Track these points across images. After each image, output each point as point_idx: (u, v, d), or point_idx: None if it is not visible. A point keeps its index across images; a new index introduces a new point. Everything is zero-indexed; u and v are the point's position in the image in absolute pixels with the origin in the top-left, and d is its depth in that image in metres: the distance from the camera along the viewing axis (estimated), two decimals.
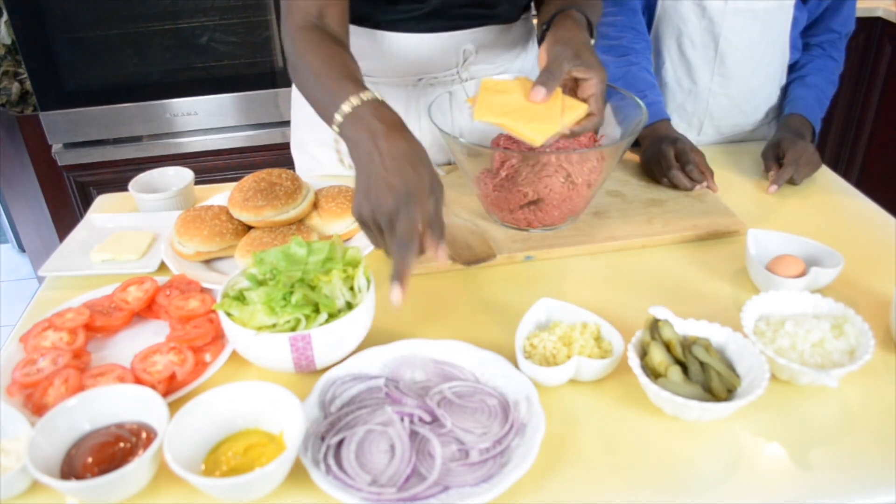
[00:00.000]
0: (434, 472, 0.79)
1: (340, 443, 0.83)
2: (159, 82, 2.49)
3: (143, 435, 0.83)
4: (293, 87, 1.54)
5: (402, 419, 0.85)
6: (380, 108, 0.95)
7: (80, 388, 0.91)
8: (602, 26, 1.56)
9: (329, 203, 1.22)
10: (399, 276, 0.89)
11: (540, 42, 1.34)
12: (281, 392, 0.84)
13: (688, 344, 0.92)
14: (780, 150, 1.43)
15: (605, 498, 0.80)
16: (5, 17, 2.41)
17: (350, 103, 0.95)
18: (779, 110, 1.63)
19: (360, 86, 0.98)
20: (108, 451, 0.81)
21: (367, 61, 1.36)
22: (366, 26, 1.33)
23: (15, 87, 2.47)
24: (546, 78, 1.10)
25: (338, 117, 0.96)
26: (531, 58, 1.55)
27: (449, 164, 1.53)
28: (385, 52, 1.35)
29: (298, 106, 1.55)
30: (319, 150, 1.53)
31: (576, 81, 1.14)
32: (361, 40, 1.35)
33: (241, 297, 0.95)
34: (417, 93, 1.40)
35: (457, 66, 1.38)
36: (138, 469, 0.77)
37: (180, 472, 0.75)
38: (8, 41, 2.45)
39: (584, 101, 1.13)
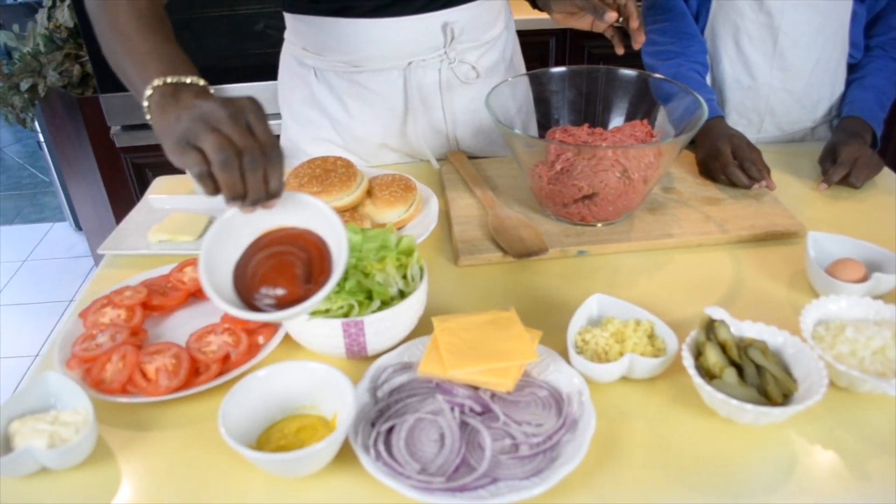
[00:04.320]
0: (483, 464, 0.78)
1: (391, 430, 0.83)
2: (215, 67, 2.53)
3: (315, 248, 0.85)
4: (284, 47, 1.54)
5: (452, 409, 0.85)
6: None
7: (137, 364, 0.93)
8: (651, 33, 1.55)
9: (383, 191, 1.23)
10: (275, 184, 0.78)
11: (533, 3, 1.40)
12: (334, 373, 0.85)
13: (744, 346, 0.91)
14: (836, 154, 1.40)
15: (654, 497, 0.79)
16: (68, 0, 2.46)
17: (163, 79, 0.85)
18: (840, 108, 1.60)
19: (182, 62, 0.89)
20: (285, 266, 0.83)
21: (354, 52, 1.38)
22: (348, 16, 1.34)
23: (76, 69, 2.53)
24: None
25: (150, 86, 0.85)
26: (512, 31, 1.57)
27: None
28: (372, 39, 1.36)
29: (285, 63, 1.55)
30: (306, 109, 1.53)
31: None
32: (345, 31, 1.36)
33: None
34: (409, 76, 1.41)
35: (444, 47, 1.39)
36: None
37: (234, 444, 0.77)
38: (70, 24, 2.50)
39: None
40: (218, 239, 0.84)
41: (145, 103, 0.85)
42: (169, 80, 0.84)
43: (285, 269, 0.83)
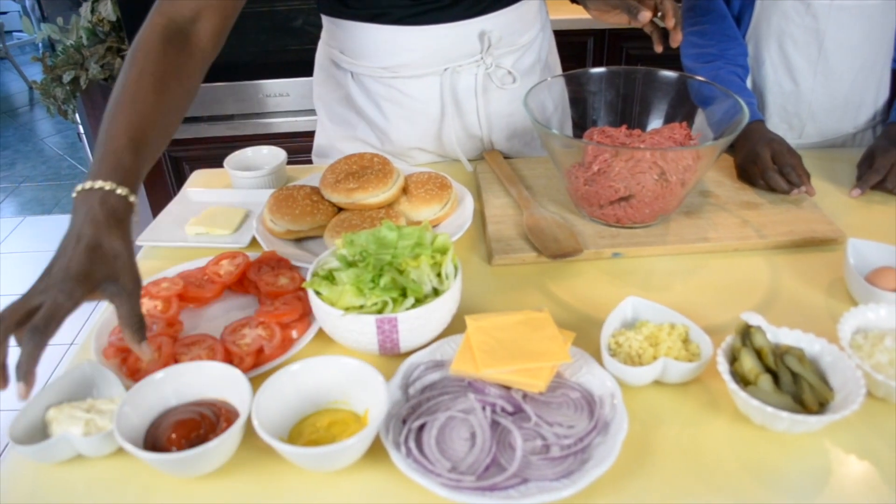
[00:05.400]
0: (514, 464, 0.78)
1: (422, 427, 0.83)
2: (253, 63, 2.55)
3: (225, 412, 0.85)
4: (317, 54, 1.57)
5: (483, 408, 0.85)
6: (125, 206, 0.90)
7: (173, 355, 0.94)
8: (691, 35, 1.54)
9: (418, 189, 1.23)
10: (23, 365, 0.79)
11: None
12: (367, 369, 0.86)
13: (780, 353, 0.89)
14: (873, 159, 1.37)
15: (685, 502, 0.78)
16: None
17: (93, 183, 0.89)
18: (885, 114, 1.57)
19: (122, 170, 0.92)
20: (192, 427, 0.83)
21: (390, 59, 1.38)
22: (384, 23, 1.34)
23: (118, 62, 2.57)
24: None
25: (77, 187, 0.89)
26: (548, 31, 1.56)
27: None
28: (407, 47, 1.36)
29: (319, 66, 1.57)
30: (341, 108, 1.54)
31: None
32: (381, 38, 1.36)
33: (330, 277, 0.96)
34: (445, 81, 1.40)
35: (481, 53, 1.39)
36: (220, 446, 0.79)
37: (266, 437, 0.77)
38: (113, 18, 2.54)
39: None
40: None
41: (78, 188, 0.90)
42: (108, 186, 0.90)
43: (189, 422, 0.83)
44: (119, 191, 0.89)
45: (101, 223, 0.86)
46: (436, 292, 0.96)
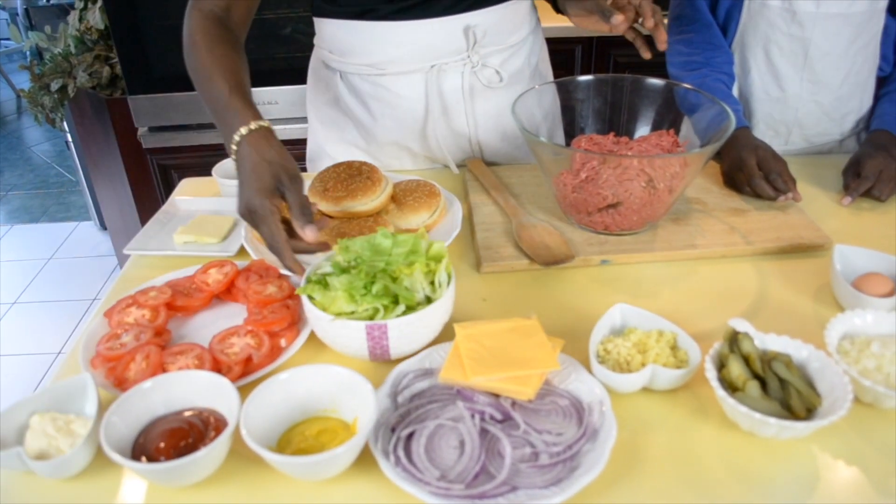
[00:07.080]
0: (503, 472, 0.78)
1: (411, 435, 0.83)
2: None
3: (213, 422, 0.85)
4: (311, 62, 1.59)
5: (472, 416, 0.85)
6: (265, 133, 1.08)
7: (161, 364, 0.94)
8: (676, 44, 1.54)
9: (407, 197, 1.23)
10: (285, 261, 1.03)
11: (555, 5, 1.43)
12: (355, 377, 0.85)
13: (767, 359, 0.90)
14: (860, 166, 1.38)
15: None
16: (99, 2, 2.49)
17: (247, 128, 1.08)
18: (869, 121, 1.58)
19: (251, 109, 1.10)
20: (180, 436, 0.82)
21: (377, 55, 1.39)
22: (370, 19, 1.36)
23: (105, 70, 2.56)
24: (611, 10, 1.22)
25: (235, 137, 1.08)
26: (539, 37, 1.56)
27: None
28: (393, 42, 1.37)
29: (314, 77, 1.58)
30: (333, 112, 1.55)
31: None
32: (368, 34, 1.37)
33: (323, 283, 0.96)
34: (432, 79, 1.41)
35: (467, 50, 1.39)
36: (209, 455, 0.78)
37: (254, 446, 0.77)
38: (101, 26, 2.53)
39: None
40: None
41: (238, 137, 1.08)
42: (254, 125, 1.09)
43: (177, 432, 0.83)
44: (253, 125, 1.08)
45: (258, 146, 1.06)
46: (428, 300, 0.96)
